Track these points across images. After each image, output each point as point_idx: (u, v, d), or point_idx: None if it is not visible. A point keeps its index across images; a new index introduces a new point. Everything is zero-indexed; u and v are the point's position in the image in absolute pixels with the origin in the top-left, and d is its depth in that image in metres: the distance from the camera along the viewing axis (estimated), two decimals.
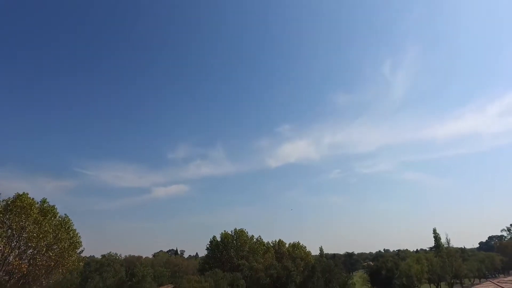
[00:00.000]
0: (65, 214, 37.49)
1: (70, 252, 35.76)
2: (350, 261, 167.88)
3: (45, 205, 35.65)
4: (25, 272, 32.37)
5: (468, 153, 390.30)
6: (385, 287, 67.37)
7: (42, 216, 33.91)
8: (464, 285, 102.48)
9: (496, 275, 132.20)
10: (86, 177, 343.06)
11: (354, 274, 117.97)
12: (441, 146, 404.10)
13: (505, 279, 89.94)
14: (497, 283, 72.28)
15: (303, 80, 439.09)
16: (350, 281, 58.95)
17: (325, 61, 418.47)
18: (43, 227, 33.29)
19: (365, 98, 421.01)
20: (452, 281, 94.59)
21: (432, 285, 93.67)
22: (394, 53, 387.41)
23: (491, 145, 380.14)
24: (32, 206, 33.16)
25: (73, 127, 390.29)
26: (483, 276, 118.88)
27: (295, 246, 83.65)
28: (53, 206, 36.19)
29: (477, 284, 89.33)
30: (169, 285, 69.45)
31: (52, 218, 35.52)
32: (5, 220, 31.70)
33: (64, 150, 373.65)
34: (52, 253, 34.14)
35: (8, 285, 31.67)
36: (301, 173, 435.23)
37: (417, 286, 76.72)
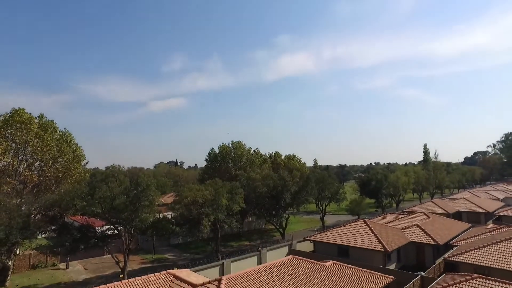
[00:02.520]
0: (65, 128, 37.87)
1: (75, 164, 37.23)
2: (342, 172, 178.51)
3: (43, 120, 35.61)
4: (36, 182, 34.70)
5: (469, 71, 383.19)
6: (373, 196, 72.78)
7: (43, 131, 34.38)
8: (444, 194, 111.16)
9: (474, 185, 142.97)
10: (81, 92, 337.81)
11: (345, 184, 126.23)
12: (443, 62, 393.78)
13: (480, 189, 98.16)
14: (472, 192, 78.68)
15: None
16: (342, 190, 63.05)
17: None
18: (46, 141, 34.14)
19: (370, 9, 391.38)
20: (433, 191, 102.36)
21: (415, 194, 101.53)
22: None
23: (495, 62, 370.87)
24: (31, 121, 33.43)
25: (65, 40, 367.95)
26: (462, 187, 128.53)
27: (291, 158, 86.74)
28: (52, 120, 36.27)
29: (455, 193, 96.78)
30: (172, 193, 74.29)
31: (53, 133, 35.97)
32: (7, 135, 32.33)
33: (56, 63, 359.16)
34: (59, 165, 35.81)
35: (24, 192, 34.01)
36: (298, 87, 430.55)
37: (402, 195, 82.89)
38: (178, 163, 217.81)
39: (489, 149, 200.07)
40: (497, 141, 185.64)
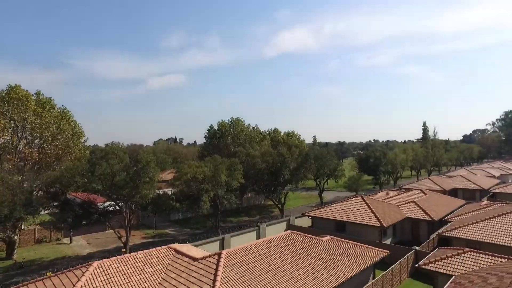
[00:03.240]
0: (63, 105, 37.69)
1: (74, 141, 37.31)
2: (341, 149, 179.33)
3: (40, 97, 35.30)
4: (37, 159, 34.86)
5: (471, 48, 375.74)
6: (372, 173, 73.53)
7: (41, 108, 34.20)
8: (441, 171, 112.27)
9: (471, 163, 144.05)
10: (78, 68, 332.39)
11: (344, 161, 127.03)
12: (446, 38, 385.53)
13: (478, 166, 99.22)
14: (469, 170, 79.63)
15: None
16: (340, 167, 63.57)
17: None
18: (44, 118, 34.05)
19: None
20: (431, 168, 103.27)
21: (413, 171, 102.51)
22: None
23: (498, 39, 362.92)
24: (28, 98, 33.18)
25: (60, 15, 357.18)
26: (459, 165, 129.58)
27: (290, 135, 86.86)
28: (50, 98, 35.97)
29: (453, 171, 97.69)
30: (172, 169, 74.85)
31: (51, 110, 35.77)
32: (5, 112, 32.17)
33: (52, 39, 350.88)
34: (58, 143, 35.86)
35: (25, 169, 34.26)
36: (298, 63, 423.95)
37: (400, 172, 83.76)
38: (177, 140, 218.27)
39: (488, 127, 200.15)
40: (497, 119, 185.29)
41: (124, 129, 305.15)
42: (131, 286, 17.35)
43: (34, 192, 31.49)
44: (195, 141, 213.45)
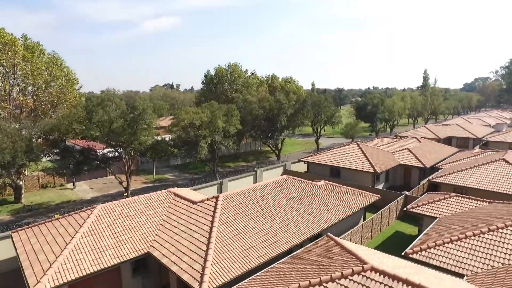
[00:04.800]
0: (53, 50, 36.24)
1: (69, 88, 36.59)
2: (339, 96, 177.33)
3: (28, 41, 33.67)
4: (32, 106, 34.49)
5: None
6: (369, 120, 73.88)
7: (30, 54, 32.93)
8: (438, 120, 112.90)
9: (469, 112, 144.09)
10: (64, 9, 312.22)
11: (342, 108, 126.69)
12: None
13: (475, 115, 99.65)
14: (465, 118, 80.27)
15: None
16: (337, 114, 63.53)
17: None
18: (34, 64, 32.99)
19: None
20: (428, 116, 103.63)
21: (410, 119, 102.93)
22: None
23: None
24: (15, 43, 31.74)
25: None
26: (457, 113, 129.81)
27: (288, 81, 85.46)
28: (38, 42, 34.34)
29: (450, 119, 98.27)
30: (169, 116, 74.80)
31: (41, 55, 34.47)
32: None
33: None
34: (53, 90, 35.20)
35: (21, 117, 34.31)
36: (299, 5, 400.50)
37: (397, 120, 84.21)
38: (174, 86, 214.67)
39: (491, 75, 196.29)
40: (500, 67, 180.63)
41: (120, 75, 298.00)
42: (134, 227, 18.47)
43: (34, 140, 31.78)
44: (192, 87, 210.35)
